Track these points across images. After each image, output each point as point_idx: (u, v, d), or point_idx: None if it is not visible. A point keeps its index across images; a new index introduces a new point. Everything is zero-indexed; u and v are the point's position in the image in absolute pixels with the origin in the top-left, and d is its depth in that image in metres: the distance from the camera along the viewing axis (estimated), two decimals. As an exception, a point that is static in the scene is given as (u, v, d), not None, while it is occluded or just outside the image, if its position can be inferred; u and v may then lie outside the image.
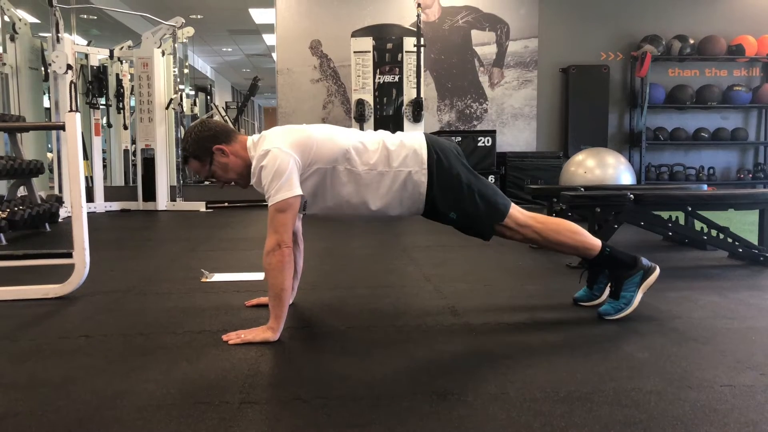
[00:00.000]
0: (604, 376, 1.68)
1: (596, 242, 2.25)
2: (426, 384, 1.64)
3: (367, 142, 2.13)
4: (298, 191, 1.99)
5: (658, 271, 2.25)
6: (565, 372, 1.71)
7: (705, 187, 4.45)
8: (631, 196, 3.14)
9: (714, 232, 3.33)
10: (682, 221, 3.54)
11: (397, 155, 2.12)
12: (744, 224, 4.12)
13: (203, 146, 2.11)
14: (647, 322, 2.19)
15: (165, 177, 6.57)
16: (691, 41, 7.51)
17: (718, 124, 7.84)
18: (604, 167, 5.49)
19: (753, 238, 3.32)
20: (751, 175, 7.89)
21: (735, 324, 2.18)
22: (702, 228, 3.40)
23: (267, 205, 2.00)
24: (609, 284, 2.29)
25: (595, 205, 3.20)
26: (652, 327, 2.13)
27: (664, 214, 3.38)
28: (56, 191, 5.99)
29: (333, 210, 2.18)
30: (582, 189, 3.79)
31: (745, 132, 7.83)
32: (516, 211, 2.22)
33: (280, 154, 1.98)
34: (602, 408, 1.47)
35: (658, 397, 1.54)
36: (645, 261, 2.24)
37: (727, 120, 7.90)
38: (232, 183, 2.20)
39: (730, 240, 3.29)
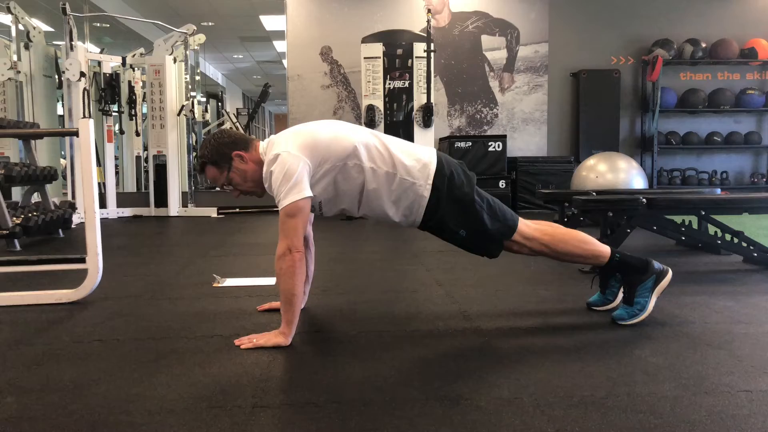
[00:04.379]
0: (618, 380, 1.66)
1: (605, 249, 2.23)
2: (438, 389, 1.63)
3: (376, 143, 2.11)
4: (308, 193, 1.98)
5: (670, 274, 2.23)
6: (578, 377, 1.70)
7: (718, 191, 4.42)
8: (644, 200, 3.12)
9: (728, 237, 3.30)
10: (695, 226, 3.51)
11: (403, 163, 2.09)
12: (759, 228, 4.08)
13: (222, 152, 2.09)
14: (661, 326, 2.17)
15: (177, 183, 6.61)
16: (703, 45, 7.46)
17: (731, 127, 7.78)
18: (616, 172, 5.46)
19: (768, 243, 3.29)
20: (765, 179, 7.81)
21: (751, 329, 2.15)
22: (716, 232, 3.37)
23: (277, 211, 2.00)
24: (621, 289, 2.28)
25: (608, 210, 3.18)
26: (667, 331, 2.11)
27: (677, 219, 3.35)
28: (69, 197, 6.04)
29: (345, 209, 2.17)
30: (594, 193, 3.77)
31: (758, 136, 7.76)
32: (523, 225, 2.19)
33: (289, 157, 1.98)
34: (616, 413, 1.46)
35: (674, 402, 1.52)
36: (657, 265, 2.22)
37: (740, 124, 7.83)
38: (248, 193, 2.17)
39: (744, 244, 3.25)
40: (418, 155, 2.13)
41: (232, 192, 2.18)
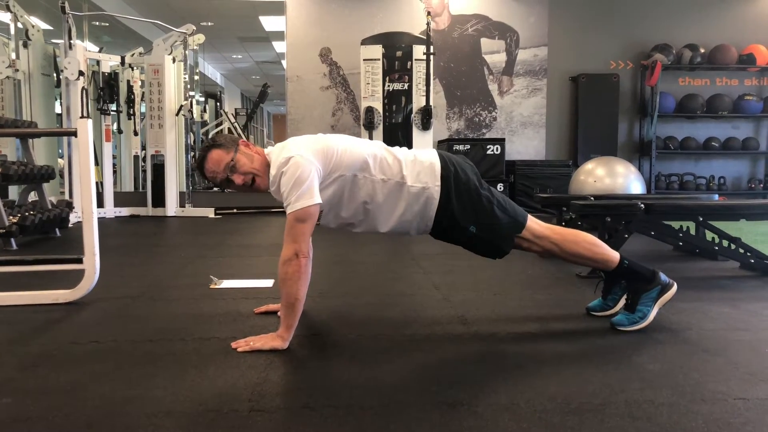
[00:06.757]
0: (615, 387, 1.66)
1: (615, 255, 2.24)
2: (435, 393, 1.63)
3: (385, 155, 2.15)
4: (318, 200, 1.98)
5: (675, 287, 2.24)
6: (576, 383, 1.70)
7: (716, 196, 4.42)
8: (642, 205, 3.13)
9: (725, 243, 3.30)
10: (692, 231, 3.52)
11: (412, 170, 2.12)
12: (756, 234, 4.08)
13: (230, 139, 2.16)
14: (659, 333, 2.17)
15: (174, 183, 6.60)
16: (702, 50, 7.48)
17: (729, 133, 7.80)
18: (614, 176, 5.47)
19: (765, 249, 3.29)
20: (762, 185, 7.84)
21: (748, 336, 2.15)
22: (713, 238, 3.37)
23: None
24: (625, 296, 2.28)
25: (606, 215, 3.18)
26: (664, 338, 2.11)
27: (675, 224, 3.36)
28: (67, 196, 6.02)
29: (346, 220, 2.18)
30: (592, 198, 3.77)
31: (756, 141, 7.78)
32: (533, 223, 2.22)
33: (302, 161, 1.98)
34: (613, 420, 1.46)
35: (671, 409, 1.52)
36: (663, 277, 2.23)
37: (738, 129, 7.85)
38: (249, 182, 2.10)
39: (741, 250, 3.26)
40: (422, 158, 2.16)
41: (234, 178, 2.09)
